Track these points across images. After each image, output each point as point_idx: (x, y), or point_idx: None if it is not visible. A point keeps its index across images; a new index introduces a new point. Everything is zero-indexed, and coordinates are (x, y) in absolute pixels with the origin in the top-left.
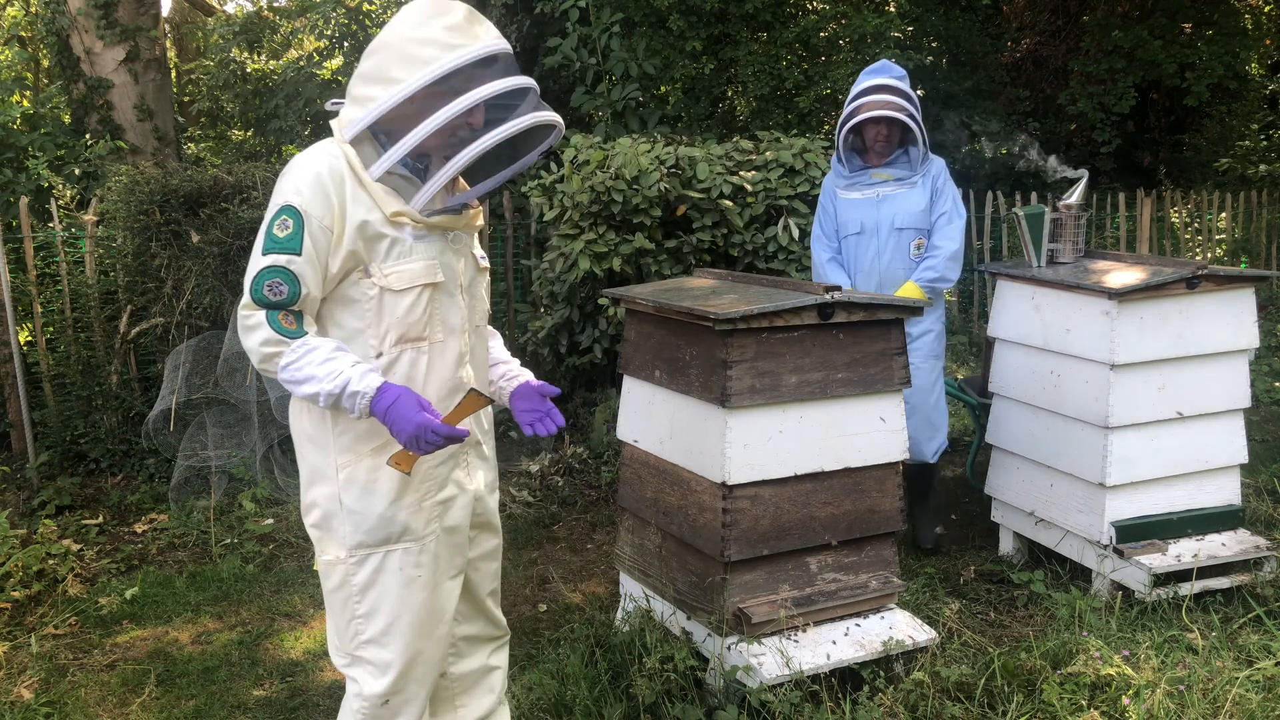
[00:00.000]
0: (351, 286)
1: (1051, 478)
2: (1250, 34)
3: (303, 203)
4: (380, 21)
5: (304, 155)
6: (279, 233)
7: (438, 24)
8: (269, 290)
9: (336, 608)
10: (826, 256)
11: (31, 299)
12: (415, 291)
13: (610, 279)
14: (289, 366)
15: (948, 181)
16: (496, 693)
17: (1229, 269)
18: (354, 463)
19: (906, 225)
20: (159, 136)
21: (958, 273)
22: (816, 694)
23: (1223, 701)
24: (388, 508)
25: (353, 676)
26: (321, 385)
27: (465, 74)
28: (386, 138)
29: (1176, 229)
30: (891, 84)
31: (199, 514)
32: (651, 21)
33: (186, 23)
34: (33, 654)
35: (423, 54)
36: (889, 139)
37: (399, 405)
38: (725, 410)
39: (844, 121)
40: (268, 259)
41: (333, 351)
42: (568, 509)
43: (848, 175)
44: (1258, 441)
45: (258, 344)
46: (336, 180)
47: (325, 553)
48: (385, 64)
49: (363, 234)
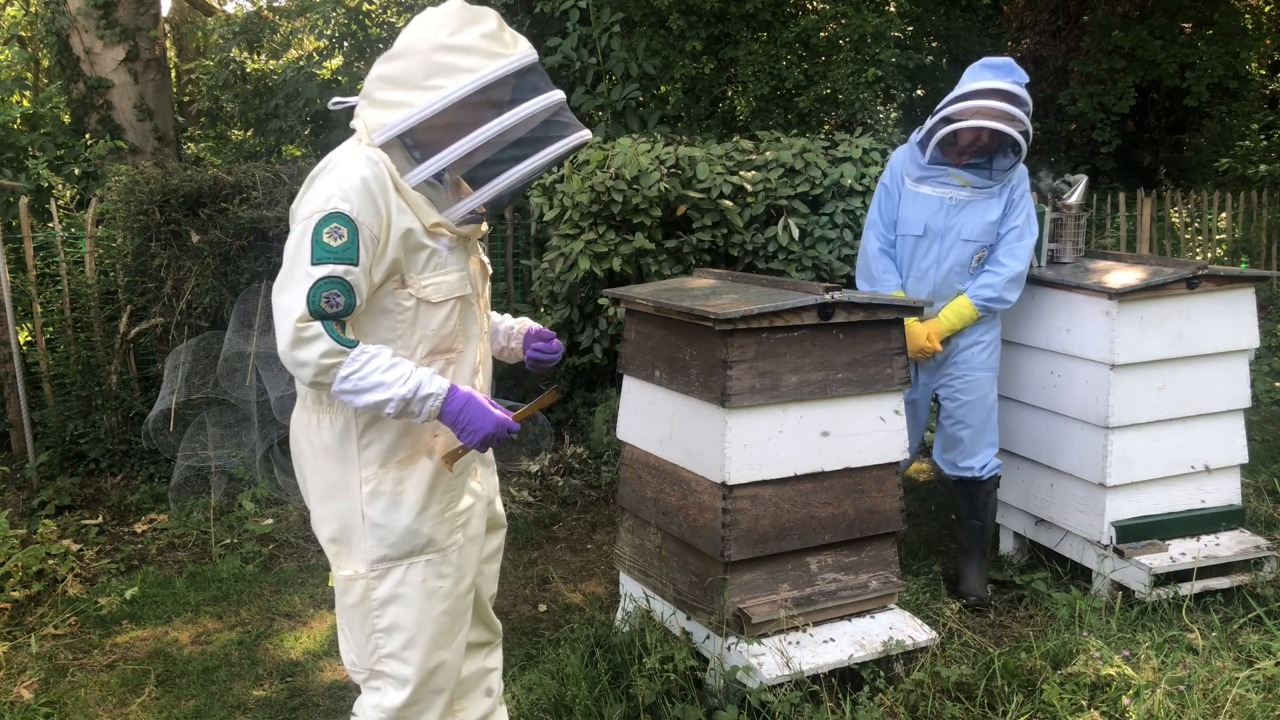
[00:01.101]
0: (386, 297)
1: (1051, 478)
2: (1250, 34)
3: (354, 210)
4: (380, 21)
5: (346, 160)
6: (331, 241)
7: (474, 31)
8: (326, 302)
9: (356, 623)
10: (878, 246)
11: (31, 299)
12: (450, 304)
13: (610, 279)
14: (350, 376)
15: (1026, 195)
16: (494, 695)
17: (1229, 269)
18: (380, 475)
19: (974, 237)
20: (159, 136)
21: (1017, 295)
22: (816, 694)
23: (1223, 702)
24: (413, 520)
25: (374, 686)
26: (392, 390)
27: (506, 84)
28: (418, 145)
29: (1176, 229)
30: (1013, 91)
31: (199, 514)
32: (651, 21)
33: (186, 23)
34: (33, 654)
35: (464, 62)
36: (985, 147)
37: (472, 406)
38: (725, 410)
39: (946, 115)
40: (323, 269)
41: (393, 358)
42: (568, 509)
43: (924, 167)
44: (1258, 441)
45: (317, 356)
46: (382, 188)
47: (343, 568)
48: (417, 70)
49: (405, 244)
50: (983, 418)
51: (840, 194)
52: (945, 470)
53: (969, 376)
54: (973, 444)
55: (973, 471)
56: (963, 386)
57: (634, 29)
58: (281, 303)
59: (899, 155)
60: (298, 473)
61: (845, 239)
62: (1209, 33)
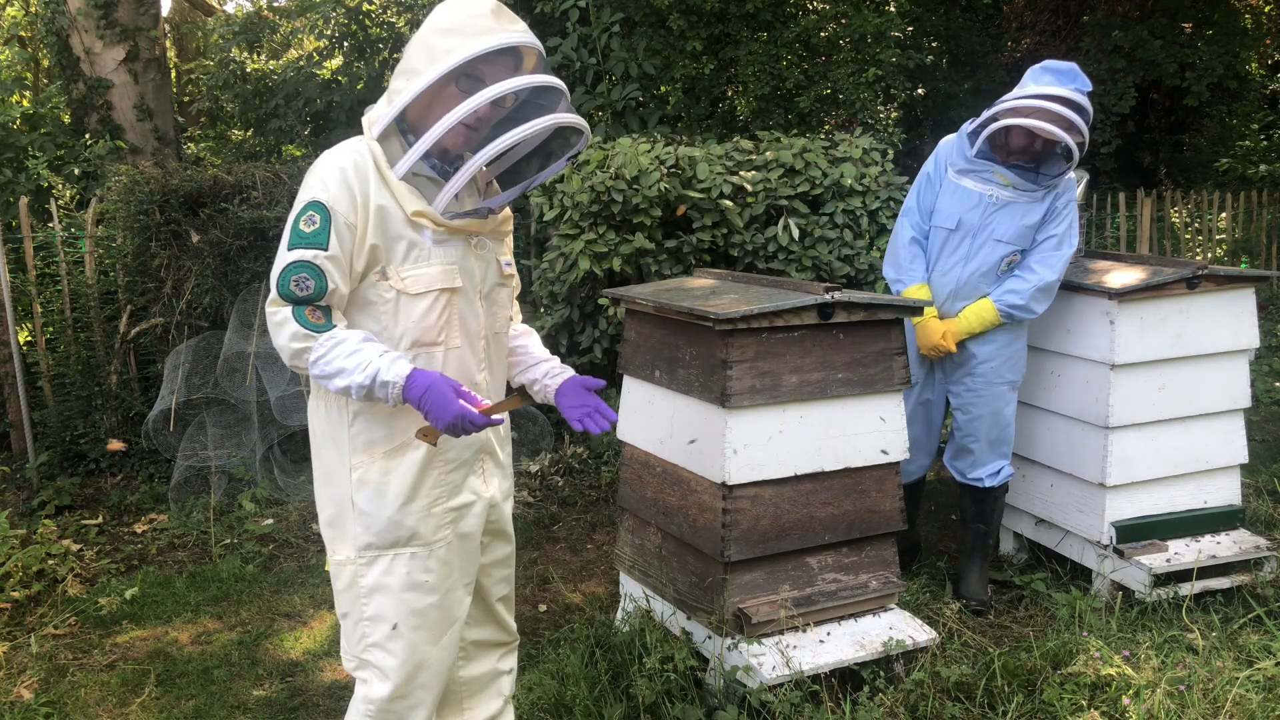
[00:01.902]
0: (369, 289)
1: (1051, 478)
2: (1250, 34)
3: (329, 198)
4: (380, 21)
5: (331, 152)
6: (305, 228)
7: (463, 13)
8: (295, 285)
9: (346, 608)
10: (909, 235)
11: (31, 299)
12: (432, 296)
13: (610, 279)
14: (318, 361)
15: (1071, 204)
16: (504, 696)
17: (1229, 269)
18: (367, 464)
19: (1008, 239)
20: (159, 136)
21: (1045, 307)
22: (816, 694)
23: (1223, 702)
24: (396, 511)
25: (361, 678)
26: (352, 378)
27: (488, 66)
28: (412, 134)
29: (1177, 229)
30: (1074, 99)
31: (199, 514)
32: (651, 21)
33: (186, 23)
34: (33, 654)
35: (445, 44)
36: (1036, 153)
37: (433, 392)
38: (725, 410)
39: (1001, 113)
40: (294, 254)
41: (360, 343)
42: (568, 509)
43: (970, 160)
44: (1258, 441)
45: (286, 340)
46: (361, 176)
47: (336, 553)
48: (411, 56)
49: (383, 232)
50: (996, 433)
51: (840, 194)
52: (954, 476)
53: (982, 390)
54: (983, 455)
55: (981, 482)
56: (974, 400)
57: (634, 29)
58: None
59: (945, 144)
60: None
61: (845, 239)
62: (1209, 33)
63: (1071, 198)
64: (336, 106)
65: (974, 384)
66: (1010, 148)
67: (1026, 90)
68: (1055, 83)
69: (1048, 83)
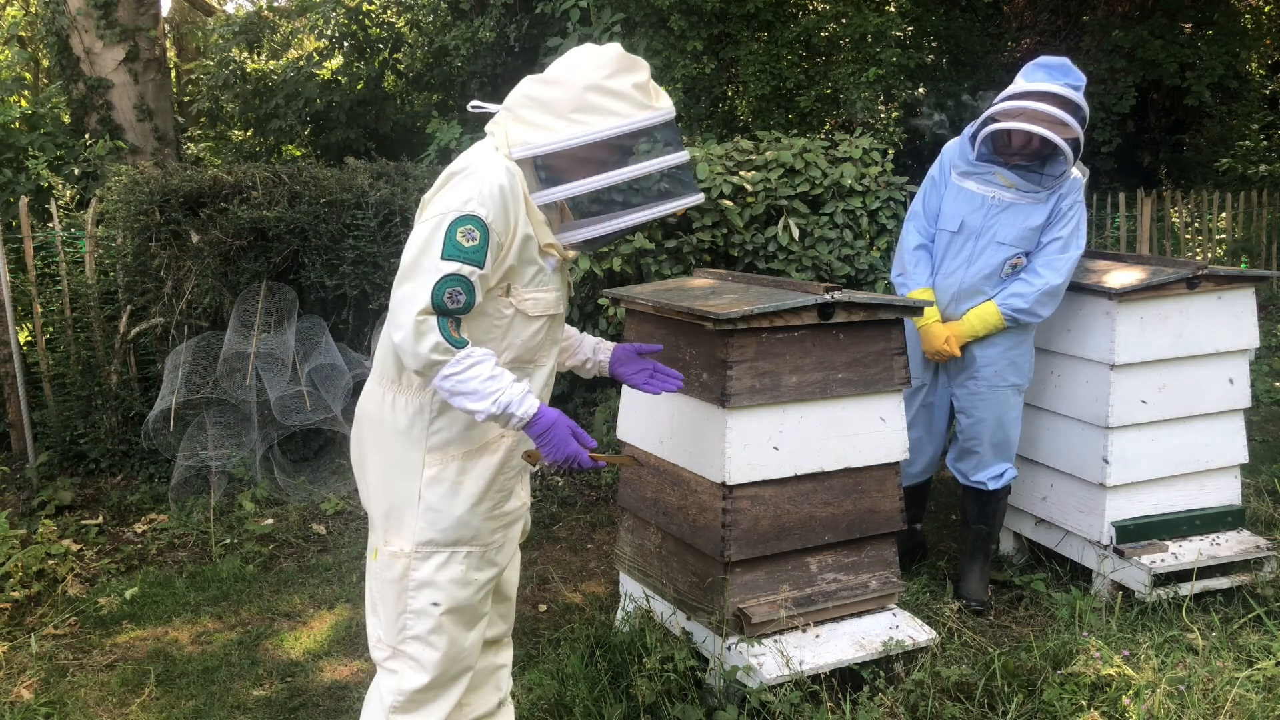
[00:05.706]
0: (489, 303)
1: (1051, 478)
2: (1250, 34)
3: (488, 216)
4: (380, 21)
5: (484, 164)
6: (464, 241)
7: (628, 80)
8: (449, 298)
9: (390, 599)
10: (915, 242)
11: (31, 299)
12: (543, 320)
13: (610, 279)
14: (451, 377)
15: (1077, 205)
16: (503, 690)
17: (1229, 269)
18: (444, 462)
19: (1010, 242)
20: (159, 136)
21: (1051, 310)
22: (816, 694)
23: (1223, 702)
24: (467, 511)
25: (392, 669)
26: (482, 403)
27: (644, 134)
28: (546, 169)
29: (1177, 229)
30: (1065, 95)
31: (199, 514)
32: (652, 21)
33: (186, 23)
34: (32, 654)
35: (613, 106)
36: (1037, 152)
37: (555, 432)
38: (725, 410)
39: (994, 116)
40: (452, 266)
41: (493, 369)
42: (568, 509)
43: (972, 162)
44: (1258, 441)
45: (427, 350)
46: (515, 200)
47: (390, 544)
48: (567, 101)
49: (522, 256)
50: (999, 436)
51: (840, 194)
52: (957, 478)
53: (985, 393)
54: (986, 458)
55: (984, 485)
56: (977, 403)
57: (634, 29)
58: (403, 292)
59: (950, 147)
60: (355, 442)
61: (845, 239)
62: (1209, 33)
63: (1077, 199)
64: (336, 106)
65: (976, 387)
66: (1012, 149)
67: (1018, 88)
68: (1047, 79)
69: (1040, 79)
